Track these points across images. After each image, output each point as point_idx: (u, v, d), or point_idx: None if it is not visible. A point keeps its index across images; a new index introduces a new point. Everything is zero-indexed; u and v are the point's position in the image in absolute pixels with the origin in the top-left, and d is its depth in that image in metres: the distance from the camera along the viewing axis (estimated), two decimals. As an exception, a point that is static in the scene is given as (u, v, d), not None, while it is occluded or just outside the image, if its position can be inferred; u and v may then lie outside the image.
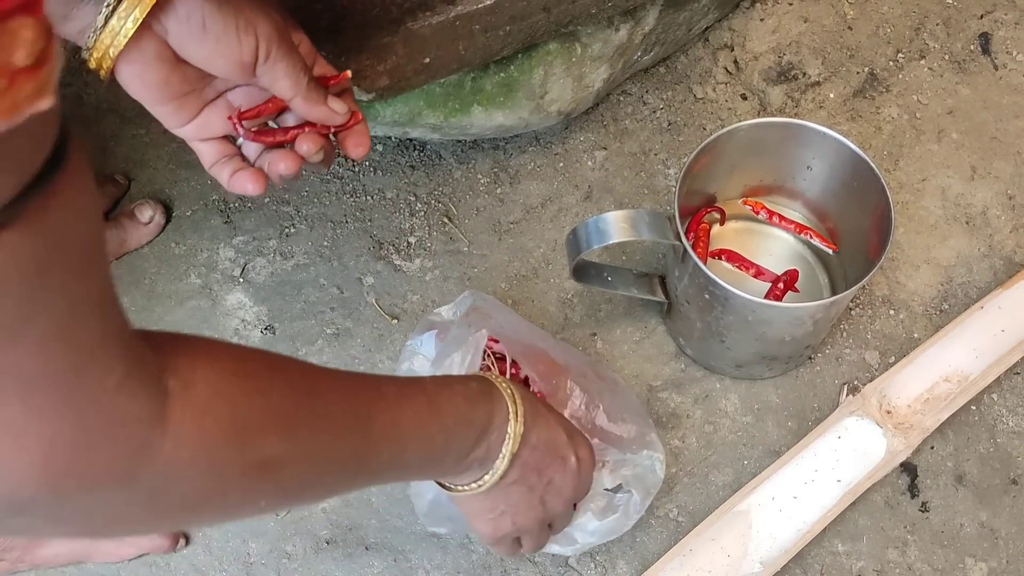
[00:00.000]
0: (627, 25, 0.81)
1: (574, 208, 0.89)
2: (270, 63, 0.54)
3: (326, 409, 0.46)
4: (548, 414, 0.59)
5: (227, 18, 0.52)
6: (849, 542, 0.76)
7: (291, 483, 0.44)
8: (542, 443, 0.57)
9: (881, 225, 0.72)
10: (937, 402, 0.77)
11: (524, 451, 0.56)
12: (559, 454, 0.58)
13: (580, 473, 0.60)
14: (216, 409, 0.39)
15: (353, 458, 0.48)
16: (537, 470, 0.58)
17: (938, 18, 0.98)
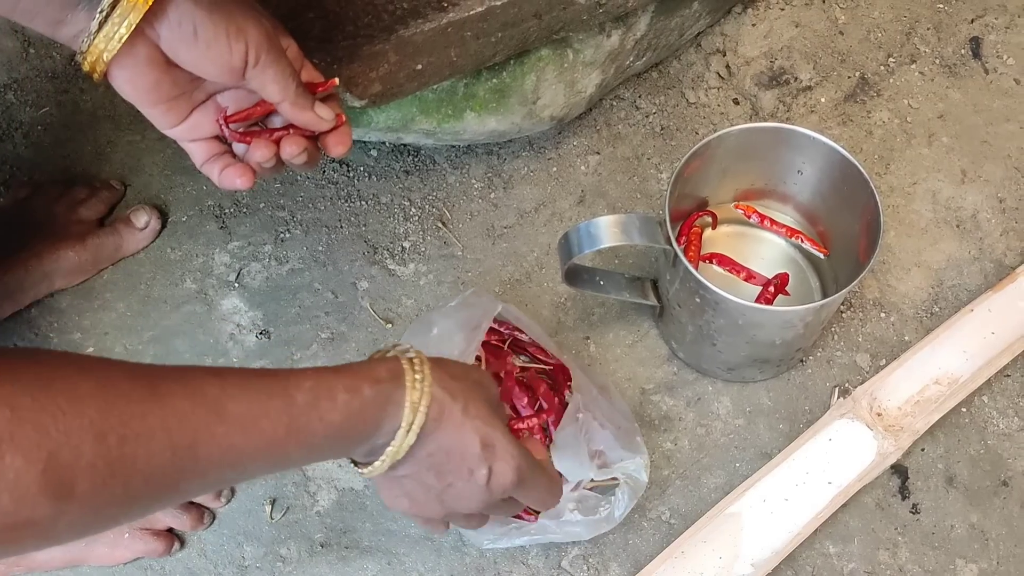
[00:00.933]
0: (619, 31, 0.82)
1: (568, 212, 0.90)
2: (259, 68, 0.55)
3: (135, 445, 0.40)
4: (467, 422, 0.53)
5: (218, 24, 0.53)
6: (840, 544, 0.76)
7: (93, 516, 0.40)
8: (442, 451, 0.53)
9: (870, 228, 0.72)
10: (927, 404, 0.78)
11: (417, 456, 0.53)
12: (465, 465, 0.54)
13: (490, 487, 0.55)
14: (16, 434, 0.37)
15: (170, 488, 0.43)
16: (435, 472, 0.54)
17: (929, 23, 0.98)
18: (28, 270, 0.82)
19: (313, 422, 0.48)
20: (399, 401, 0.51)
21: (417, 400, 0.51)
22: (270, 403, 0.47)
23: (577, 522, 0.71)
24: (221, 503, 0.77)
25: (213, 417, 0.44)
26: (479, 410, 0.54)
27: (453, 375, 0.54)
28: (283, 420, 0.47)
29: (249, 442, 0.45)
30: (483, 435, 0.54)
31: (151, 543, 0.74)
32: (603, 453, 0.72)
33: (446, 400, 0.53)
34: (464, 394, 0.54)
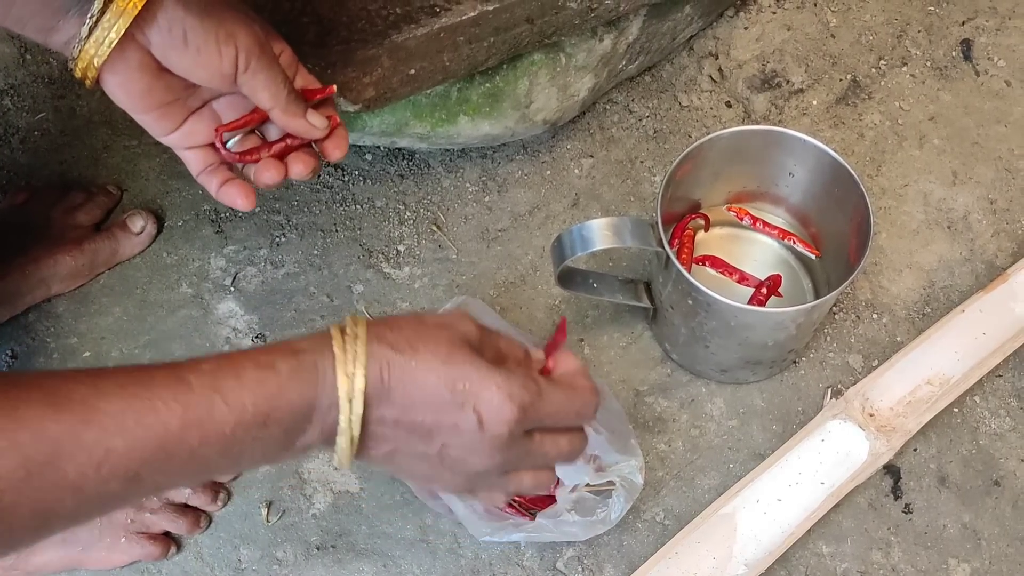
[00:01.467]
0: (611, 35, 0.82)
1: (561, 215, 0.90)
2: (249, 74, 0.55)
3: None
4: (422, 372, 0.46)
5: (208, 30, 0.53)
6: (833, 544, 0.77)
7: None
8: (410, 410, 0.46)
9: (861, 230, 0.73)
10: (919, 405, 0.78)
11: (383, 426, 0.46)
12: (444, 415, 0.46)
13: (486, 429, 0.46)
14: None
15: (45, 513, 0.39)
16: (419, 437, 0.47)
17: (920, 25, 0.99)
18: (25, 275, 0.82)
19: (216, 408, 0.42)
20: (327, 370, 0.45)
21: (350, 364, 0.45)
22: (156, 393, 0.41)
23: (574, 523, 0.71)
24: (217, 507, 0.77)
25: (79, 422, 0.39)
26: (435, 352, 0.46)
27: (395, 326, 0.47)
28: (175, 410, 0.41)
29: (132, 443, 0.40)
30: (447, 377, 0.46)
31: (148, 547, 0.74)
32: (598, 457, 0.72)
33: (387, 355, 0.45)
34: (411, 342, 0.46)
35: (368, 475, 0.79)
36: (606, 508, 0.71)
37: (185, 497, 0.76)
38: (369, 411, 0.45)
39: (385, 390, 0.46)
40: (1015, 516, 0.78)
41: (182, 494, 0.76)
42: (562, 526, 0.70)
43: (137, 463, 0.40)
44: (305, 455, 0.47)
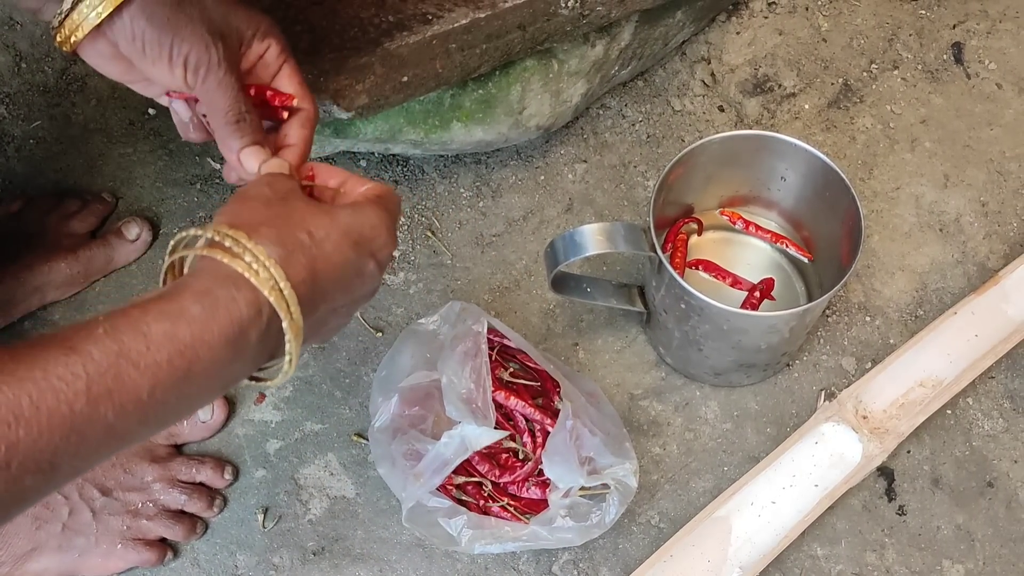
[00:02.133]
0: (603, 41, 0.83)
1: (555, 220, 0.90)
2: (199, 92, 0.55)
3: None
4: (325, 247, 0.46)
5: (163, 43, 0.53)
6: (828, 546, 0.77)
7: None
8: (331, 289, 0.47)
9: (852, 233, 0.73)
10: (912, 407, 0.78)
11: (315, 315, 0.46)
12: (353, 275, 0.48)
13: (382, 266, 0.50)
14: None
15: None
16: (342, 304, 0.49)
17: (911, 29, 0.99)
18: (20, 283, 0.82)
19: (126, 375, 0.38)
20: (249, 297, 0.43)
21: (269, 279, 0.43)
22: (50, 372, 0.37)
23: (569, 528, 0.71)
24: (214, 513, 0.78)
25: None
26: (318, 222, 0.47)
27: (265, 220, 0.46)
28: (76, 386, 0.37)
29: (37, 433, 0.36)
30: (345, 240, 0.47)
31: (144, 553, 0.74)
32: (593, 459, 0.73)
33: (294, 254, 0.45)
34: (293, 230, 0.46)
35: (364, 480, 0.79)
36: (600, 512, 0.72)
37: (181, 504, 0.76)
38: (304, 317, 0.45)
39: (311, 288, 0.45)
40: (1008, 517, 0.78)
41: (178, 501, 0.76)
42: (557, 532, 0.70)
43: (48, 453, 0.37)
44: (237, 382, 0.46)
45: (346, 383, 0.83)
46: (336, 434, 0.81)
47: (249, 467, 0.80)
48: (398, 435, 0.74)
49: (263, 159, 0.56)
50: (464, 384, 0.71)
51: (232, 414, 0.81)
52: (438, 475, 0.70)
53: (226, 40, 0.55)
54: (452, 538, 0.71)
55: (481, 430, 0.70)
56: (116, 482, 0.75)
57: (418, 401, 0.76)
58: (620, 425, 0.76)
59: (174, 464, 0.77)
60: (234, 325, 0.42)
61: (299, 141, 0.58)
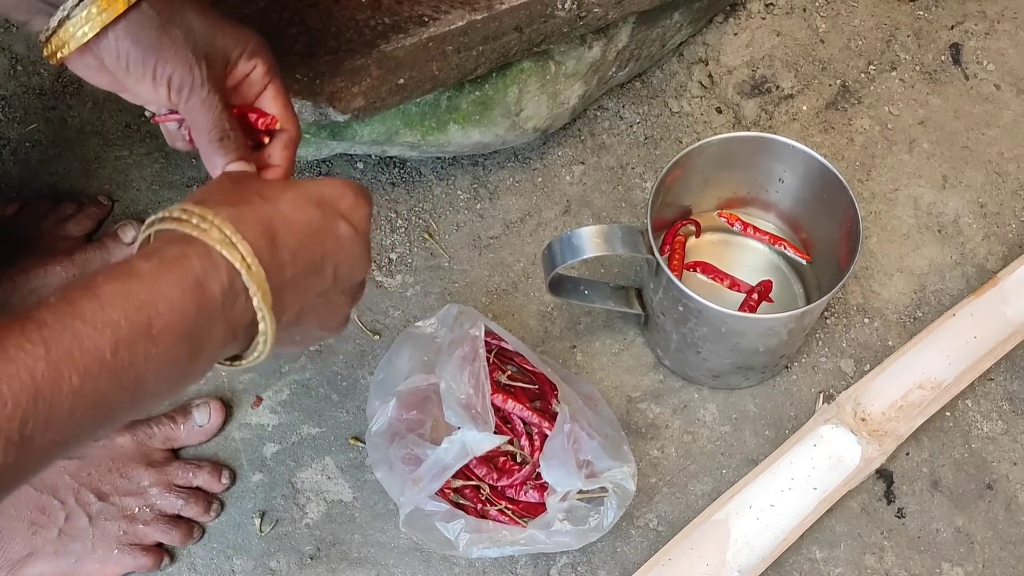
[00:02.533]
0: (600, 43, 0.82)
1: (553, 222, 0.90)
2: (183, 111, 0.56)
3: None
4: (281, 206, 0.46)
5: (147, 64, 0.54)
6: (826, 549, 0.77)
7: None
8: (298, 248, 0.46)
9: (850, 235, 0.73)
10: (911, 409, 0.78)
11: (284, 277, 0.45)
12: (324, 235, 0.47)
13: (359, 228, 0.48)
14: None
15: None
16: (314, 273, 0.47)
17: (909, 30, 0.99)
18: (16, 286, 0.82)
19: (83, 336, 0.38)
20: (204, 258, 0.42)
21: (221, 236, 0.42)
22: (6, 341, 0.36)
23: (566, 532, 0.71)
24: (210, 517, 0.77)
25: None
26: (274, 188, 0.47)
27: (218, 191, 0.46)
28: (35, 352, 0.37)
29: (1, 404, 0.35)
30: (305, 199, 0.47)
31: (140, 558, 0.74)
32: (591, 463, 0.72)
33: (245, 210, 0.44)
34: (244, 193, 0.46)
35: (361, 484, 0.79)
36: (599, 515, 0.71)
37: (178, 508, 0.76)
38: (270, 275, 0.44)
39: (270, 243, 0.44)
40: (1008, 519, 0.78)
41: (175, 505, 0.76)
42: (555, 536, 0.70)
43: (18, 424, 0.36)
44: (220, 357, 0.43)
45: (343, 386, 0.83)
46: (333, 438, 0.81)
47: (246, 471, 0.79)
48: (396, 439, 0.74)
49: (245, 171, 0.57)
50: (463, 389, 0.70)
51: (229, 418, 0.81)
52: (437, 480, 0.70)
53: (210, 60, 0.56)
54: (450, 542, 0.71)
55: (481, 435, 0.70)
56: (112, 487, 0.75)
57: (416, 405, 0.75)
58: (618, 428, 0.75)
59: (171, 468, 0.77)
60: (188, 277, 0.41)
61: (282, 162, 0.59)
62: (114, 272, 0.40)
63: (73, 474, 0.74)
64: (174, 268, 0.41)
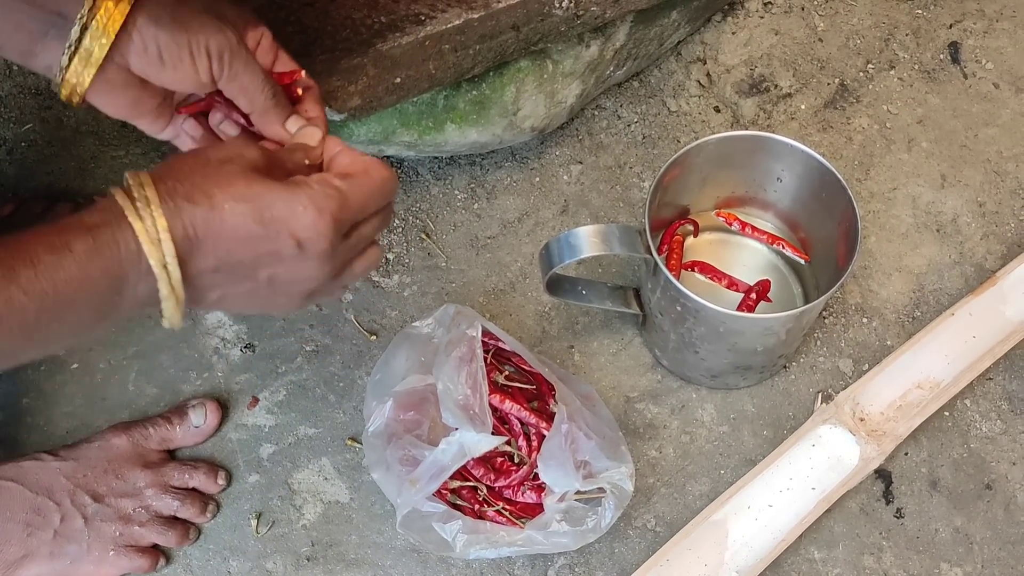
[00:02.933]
0: (598, 41, 0.82)
1: (551, 222, 0.90)
2: (226, 80, 0.55)
3: None
4: (225, 213, 0.47)
5: (180, 43, 0.53)
6: (825, 549, 0.76)
7: None
8: (225, 257, 0.47)
9: (849, 235, 0.73)
10: (909, 409, 0.78)
11: (203, 280, 0.47)
12: (261, 250, 0.47)
13: (307, 249, 0.48)
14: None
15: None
16: (242, 278, 0.48)
17: (907, 28, 0.99)
18: (11, 287, 0.82)
19: (15, 299, 0.41)
20: (128, 241, 0.44)
21: (152, 229, 0.45)
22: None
23: (564, 532, 0.71)
24: (207, 518, 0.77)
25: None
26: (231, 191, 0.47)
27: (182, 175, 0.47)
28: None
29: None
30: (252, 213, 0.47)
31: (136, 560, 0.74)
32: (588, 463, 0.72)
33: (186, 210, 0.46)
34: (204, 190, 0.47)
35: (358, 485, 0.79)
36: (596, 516, 0.71)
37: (174, 510, 0.76)
38: (186, 268, 0.46)
39: (196, 244, 0.46)
40: (1007, 519, 0.78)
41: (170, 507, 0.75)
42: (552, 537, 0.70)
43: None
44: (123, 318, 0.47)
45: (340, 387, 0.83)
46: (330, 438, 0.80)
47: (242, 472, 0.79)
48: (393, 440, 0.73)
49: (302, 124, 0.57)
50: (460, 390, 0.70)
51: (225, 419, 0.81)
52: (435, 481, 0.70)
53: (234, 26, 0.55)
54: (447, 543, 0.71)
55: (480, 437, 0.69)
56: (108, 488, 0.74)
57: (413, 406, 0.75)
58: (616, 428, 0.75)
59: (167, 470, 0.77)
60: (113, 267, 0.45)
61: (318, 114, 0.59)
62: (54, 244, 0.43)
63: (69, 475, 0.74)
64: (104, 254, 0.44)
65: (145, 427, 0.78)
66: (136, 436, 0.77)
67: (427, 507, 0.71)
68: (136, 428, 0.77)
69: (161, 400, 0.82)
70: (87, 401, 0.82)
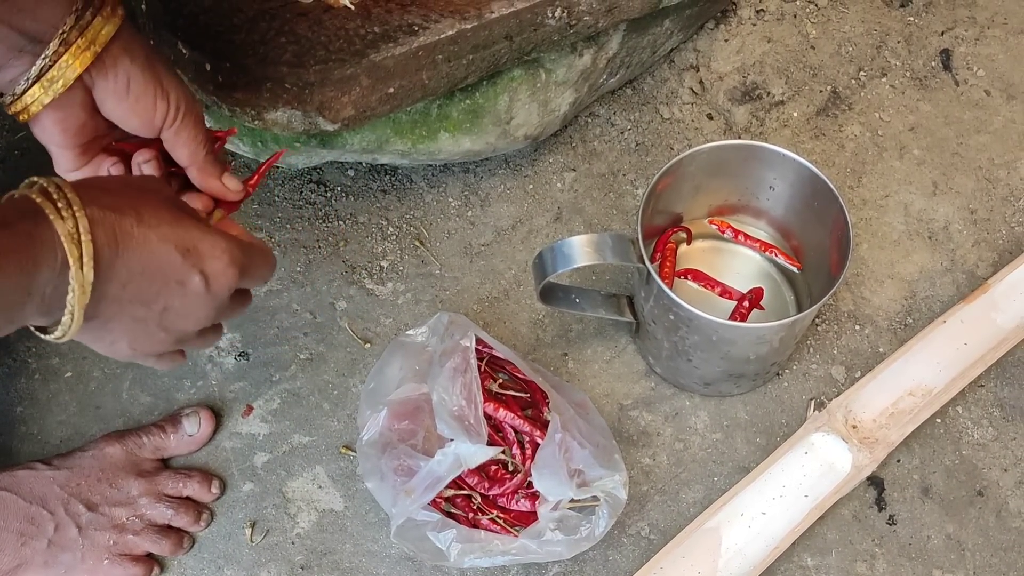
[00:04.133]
0: (591, 50, 0.82)
1: (544, 230, 0.90)
2: (174, 130, 0.57)
3: None
4: (151, 233, 0.47)
5: (148, 80, 0.55)
6: (818, 556, 0.77)
7: None
8: (137, 276, 0.47)
9: (841, 243, 0.73)
10: (901, 416, 0.78)
11: (109, 292, 0.46)
12: (173, 278, 0.48)
13: (211, 291, 0.50)
14: None
15: None
16: (141, 302, 0.48)
17: (899, 36, 0.99)
18: (4, 296, 0.82)
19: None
20: (48, 239, 0.43)
21: (73, 230, 0.44)
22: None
23: (558, 541, 0.71)
24: (201, 527, 0.77)
25: None
26: (159, 216, 0.48)
27: (107, 189, 0.48)
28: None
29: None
30: (177, 241, 0.48)
31: (131, 569, 0.74)
32: (582, 472, 0.72)
33: (111, 218, 0.45)
34: (132, 205, 0.47)
35: (353, 493, 0.79)
36: (590, 524, 0.71)
37: (168, 518, 0.76)
38: (99, 273, 0.45)
39: (113, 254, 0.46)
40: (999, 526, 0.78)
41: (164, 515, 0.75)
42: (546, 546, 0.70)
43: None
44: (23, 323, 0.46)
45: (334, 395, 0.83)
46: (324, 446, 0.81)
47: (236, 480, 0.79)
48: (388, 449, 0.73)
49: (238, 183, 0.60)
50: (455, 401, 0.70)
51: (219, 427, 0.81)
52: (430, 492, 0.70)
53: None
54: (441, 552, 0.71)
55: (475, 447, 0.70)
56: (102, 497, 0.74)
57: (407, 415, 0.75)
58: (609, 436, 0.75)
59: (160, 478, 0.77)
60: (27, 262, 0.43)
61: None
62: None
63: (62, 484, 0.74)
64: (19, 250, 0.43)
65: (139, 436, 0.78)
66: (130, 445, 0.77)
67: (421, 516, 0.71)
68: (130, 437, 0.77)
69: (155, 409, 0.82)
70: (81, 410, 0.82)
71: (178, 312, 0.50)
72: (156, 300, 0.49)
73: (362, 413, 0.76)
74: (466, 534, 0.71)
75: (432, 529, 0.71)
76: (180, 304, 0.50)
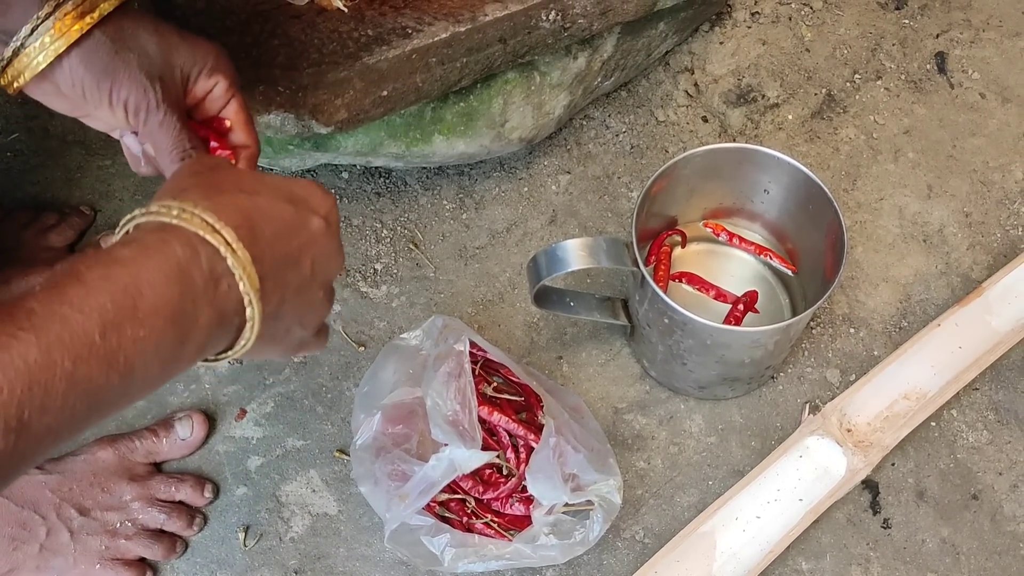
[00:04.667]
0: (585, 53, 0.82)
1: (539, 232, 0.90)
2: (142, 132, 0.56)
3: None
4: (259, 200, 0.46)
5: (102, 89, 0.54)
6: (813, 560, 0.77)
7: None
8: (275, 242, 0.46)
9: (836, 246, 0.73)
10: (896, 419, 0.78)
11: (265, 271, 0.45)
12: (300, 228, 0.48)
13: (330, 223, 0.50)
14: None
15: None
16: (292, 265, 0.47)
17: (894, 38, 0.99)
18: (-4, 299, 0.81)
19: (71, 320, 0.38)
20: (181, 238, 0.42)
21: (200, 224, 0.43)
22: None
23: (552, 546, 0.71)
24: (194, 531, 0.77)
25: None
26: (251, 183, 0.47)
27: (189, 184, 0.46)
28: (27, 338, 0.37)
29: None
30: (279, 196, 0.48)
31: (123, 573, 0.73)
32: (577, 476, 0.72)
33: (224, 199, 0.44)
34: (221, 184, 0.46)
35: (346, 497, 0.79)
36: (584, 529, 0.71)
37: (160, 523, 0.75)
38: (251, 250, 0.44)
39: (252, 234, 0.44)
40: (993, 530, 0.78)
41: (157, 520, 0.75)
42: (540, 550, 0.70)
43: (15, 410, 0.36)
44: (208, 347, 0.44)
45: (328, 398, 0.82)
46: (318, 450, 0.80)
47: (230, 484, 0.79)
48: (382, 454, 0.73)
49: None
50: (449, 406, 0.70)
51: (212, 431, 0.81)
52: (424, 496, 0.70)
53: (165, 81, 0.56)
54: (435, 557, 0.71)
55: (470, 453, 0.69)
56: (94, 501, 0.74)
57: (402, 419, 0.75)
58: (604, 440, 0.75)
59: (153, 482, 0.76)
60: (169, 262, 0.42)
61: (245, 141, 0.60)
62: (96, 259, 0.40)
63: (54, 489, 0.73)
64: (154, 254, 0.41)
65: (131, 440, 0.77)
66: (122, 449, 0.77)
67: (415, 521, 0.71)
68: (122, 441, 0.77)
69: (148, 412, 0.81)
70: (73, 413, 0.81)
71: (320, 259, 0.49)
72: (301, 257, 0.48)
73: (356, 417, 0.76)
74: (460, 538, 0.71)
75: (426, 534, 0.71)
76: (318, 251, 0.49)
